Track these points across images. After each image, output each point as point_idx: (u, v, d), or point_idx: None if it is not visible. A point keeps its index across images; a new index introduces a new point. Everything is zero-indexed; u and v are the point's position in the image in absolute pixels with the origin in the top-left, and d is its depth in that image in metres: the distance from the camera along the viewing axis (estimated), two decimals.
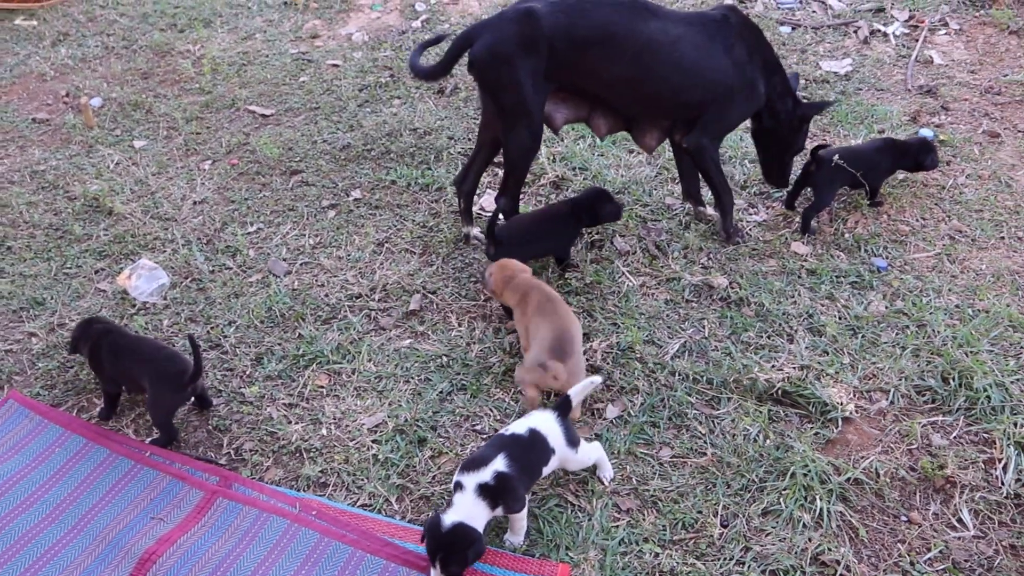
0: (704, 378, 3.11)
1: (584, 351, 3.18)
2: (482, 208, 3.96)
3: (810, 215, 3.76)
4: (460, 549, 2.37)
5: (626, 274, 3.57)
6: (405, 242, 3.78)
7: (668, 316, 3.38)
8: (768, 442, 2.89)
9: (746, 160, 4.19)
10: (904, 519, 2.69)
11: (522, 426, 2.63)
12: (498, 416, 3.00)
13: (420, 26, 5.54)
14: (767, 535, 2.62)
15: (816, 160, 3.75)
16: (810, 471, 2.76)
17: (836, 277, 3.55)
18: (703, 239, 3.75)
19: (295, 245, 3.79)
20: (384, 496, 2.75)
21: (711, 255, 3.68)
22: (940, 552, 2.56)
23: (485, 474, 2.47)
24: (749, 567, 2.51)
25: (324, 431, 2.98)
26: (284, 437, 2.97)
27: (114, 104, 4.88)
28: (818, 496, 2.71)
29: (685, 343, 3.26)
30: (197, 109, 4.79)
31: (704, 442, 2.91)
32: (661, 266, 3.62)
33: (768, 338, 3.28)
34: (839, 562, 2.52)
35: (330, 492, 2.79)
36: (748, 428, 2.93)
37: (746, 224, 3.86)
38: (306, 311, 3.44)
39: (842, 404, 3.00)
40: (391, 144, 4.37)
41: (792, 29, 5.32)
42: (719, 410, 3.01)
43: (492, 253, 3.43)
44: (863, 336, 3.28)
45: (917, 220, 3.86)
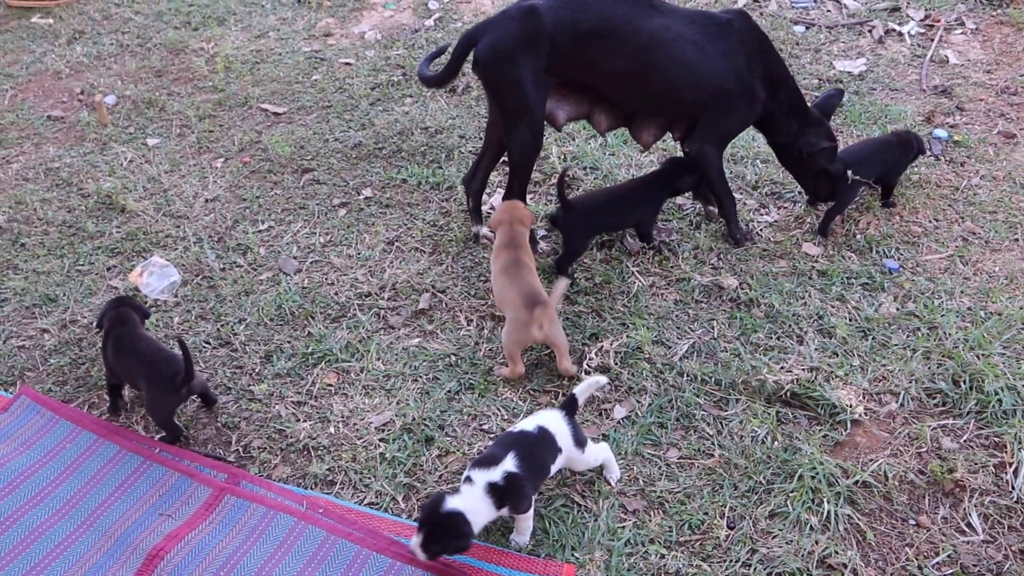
0: (712, 379, 3.10)
1: (593, 351, 3.19)
2: (492, 207, 3.96)
3: (830, 218, 3.73)
4: (446, 536, 2.38)
5: (635, 274, 3.56)
6: (415, 241, 3.78)
7: (677, 316, 3.37)
8: (776, 444, 2.88)
9: (758, 160, 4.17)
10: (912, 523, 2.67)
11: (531, 424, 2.64)
12: (506, 416, 3.00)
13: (433, 24, 5.54)
14: (774, 537, 2.61)
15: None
16: (818, 474, 2.75)
17: (847, 278, 3.53)
18: (713, 239, 3.73)
19: (306, 243, 3.81)
20: (391, 495, 2.76)
21: (721, 255, 3.66)
22: (948, 556, 2.55)
23: (495, 473, 2.47)
24: (755, 569, 2.50)
25: (332, 429, 2.99)
26: (292, 435, 2.98)
27: (128, 102, 4.91)
28: (826, 499, 2.69)
29: (694, 344, 3.25)
30: (210, 107, 4.81)
31: (712, 443, 2.90)
32: (671, 266, 3.61)
33: (778, 339, 3.26)
34: (846, 565, 2.51)
35: (337, 490, 2.80)
36: (756, 430, 2.92)
37: (757, 225, 3.84)
38: (316, 309, 3.45)
39: (851, 406, 2.99)
40: (402, 143, 4.38)
41: (806, 28, 5.28)
42: (727, 411, 3.00)
43: (560, 217, 3.52)
44: (873, 338, 3.26)
45: (930, 221, 3.83)
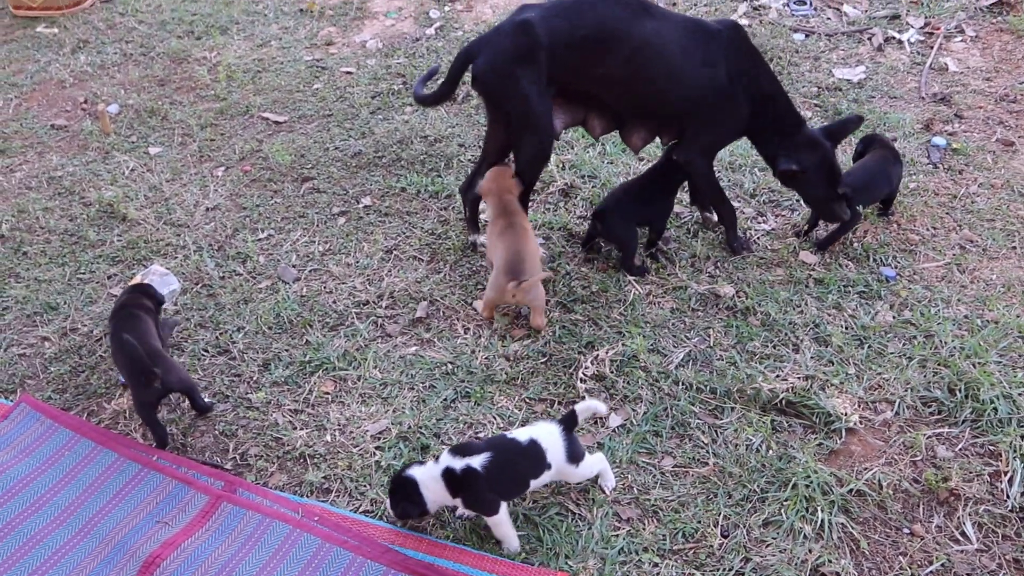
0: (708, 388, 3.11)
1: (589, 359, 3.20)
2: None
3: (833, 240, 3.72)
4: (395, 496, 2.61)
5: (632, 282, 3.57)
6: (413, 249, 3.80)
7: (674, 325, 3.38)
8: (771, 452, 2.88)
9: (756, 168, 4.18)
10: (906, 532, 2.67)
11: (525, 434, 2.65)
12: (501, 424, 3.01)
13: (434, 33, 5.57)
14: (767, 546, 2.62)
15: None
16: (812, 482, 2.76)
17: (844, 287, 3.53)
18: (710, 247, 3.74)
19: (305, 252, 3.83)
20: (385, 503, 2.77)
21: (718, 264, 3.67)
22: (942, 565, 2.55)
23: (459, 462, 2.55)
24: None
25: (328, 437, 3.00)
26: (289, 443, 3.00)
27: (131, 111, 4.95)
28: (820, 507, 2.70)
29: (690, 352, 3.26)
30: (212, 116, 4.85)
31: (706, 452, 2.91)
32: (668, 274, 3.62)
33: (774, 347, 3.27)
34: (839, 574, 2.52)
35: (333, 498, 2.82)
36: (751, 438, 2.93)
37: (754, 233, 3.85)
38: (314, 318, 3.47)
39: (846, 415, 2.99)
40: (402, 151, 4.40)
41: (806, 36, 5.29)
42: (722, 420, 3.01)
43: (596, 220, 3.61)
44: (869, 346, 3.26)
45: (927, 229, 3.83)
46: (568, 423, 2.69)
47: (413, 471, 2.61)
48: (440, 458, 2.60)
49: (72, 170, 4.48)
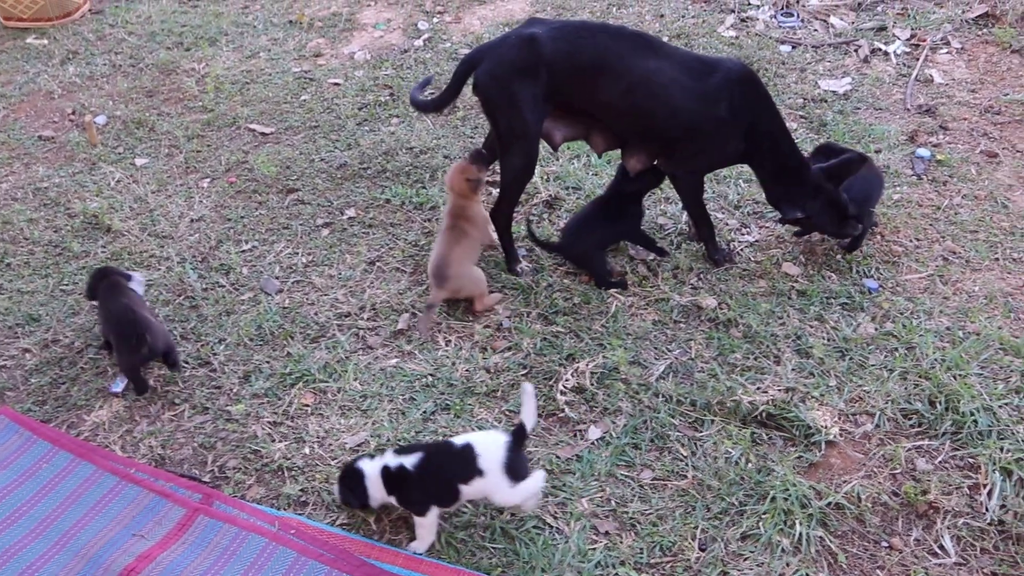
0: (688, 400, 3.10)
1: (569, 372, 3.19)
2: None
3: (855, 246, 3.74)
4: (341, 484, 2.72)
5: (614, 294, 3.57)
6: (396, 261, 3.80)
7: (655, 337, 3.38)
8: (750, 465, 2.88)
9: (740, 180, 4.19)
10: (885, 545, 2.67)
11: (463, 438, 2.67)
12: None
13: (422, 44, 5.58)
14: (745, 560, 2.61)
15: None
16: (790, 495, 2.75)
17: (826, 298, 3.53)
18: (693, 259, 3.74)
19: (288, 263, 3.83)
20: (362, 516, 2.76)
21: (701, 275, 3.67)
22: None
23: (395, 460, 2.64)
24: None
25: (307, 450, 2.99)
26: (267, 455, 2.99)
27: (118, 122, 4.95)
28: (798, 520, 2.69)
29: (671, 364, 3.25)
30: (199, 127, 4.85)
31: (685, 464, 2.90)
32: (650, 286, 3.62)
33: (755, 360, 3.27)
34: None
35: (310, 511, 2.81)
36: (730, 451, 2.92)
37: (738, 244, 3.85)
38: (295, 329, 3.47)
39: (826, 427, 2.99)
40: (387, 163, 4.40)
41: (792, 48, 5.31)
42: (702, 432, 3.01)
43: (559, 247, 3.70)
44: (851, 358, 3.26)
45: (911, 241, 3.84)
46: (517, 437, 2.63)
47: (362, 463, 2.69)
48: (385, 454, 2.69)
49: (58, 181, 4.48)
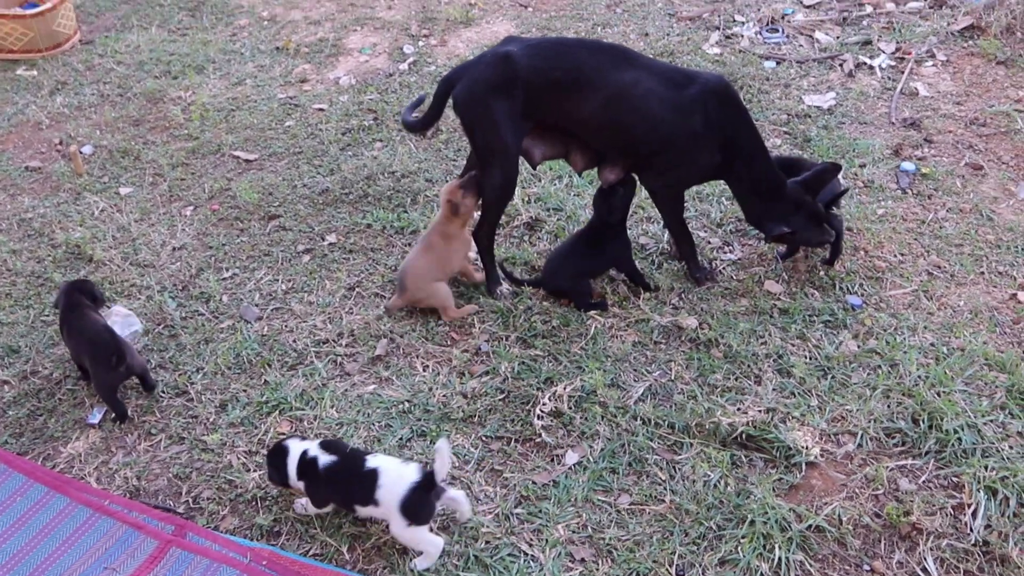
0: (666, 422, 3.06)
1: (547, 396, 3.16)
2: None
3: (836, 256, 3.74)
4: (268, 459, 2.80)
5: (595, 315, 3.54)
6: (376, 286, 3.78)
7: (635, 359, 3.35)
8: (729, 488, 2.84)
9: (723, 198, 4.16)
10: (866, 569, 2.63)
11: (378, 461, 2.68)
12: (456, 463, 2.97)
13: (407, 68, 5.59)
14: None
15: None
16: (770, 518, 2.71)
17: (809, 316, 3.50)
18: (674, 278, 3.72)
19: (268, 290, 3.81)
20: (335, 546, 2.73)
21: (682, 295, 3.64)
22: None
23: (313, 451, 2.71)
24: None
25: None
26: (242, 485, 2.96)
27: (104, 151, 4.96)
28: (777, 544, 2.65)
29: (650, 386, 3.22)
30: (183, 155, 4.85)
31: (664, 488, 2.86)
32: (631, 307, 3.59)
33: (735, 380, 3.23)
34: None
35: (283, 541, 2.78)
36: (709, 474, 2.88)
37: (720, 263, 3.82)
38: (273, 357, 3.45)
39: (807, 448, 2.95)
40: (368, 188, 4.40)
41: (777, 64, 5.30)
42: (681, 455, 2.97)
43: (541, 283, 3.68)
44: (833, 377, 3.22)
45: (895, 256, 3.80)
46: (423, 482, 2.58)
47: (290, 443, 2.77)
48: (313, 442, 2.77)
49: (43, 212, 4.48)
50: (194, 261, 4.02)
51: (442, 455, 2.54)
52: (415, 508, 2.57)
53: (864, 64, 5.25)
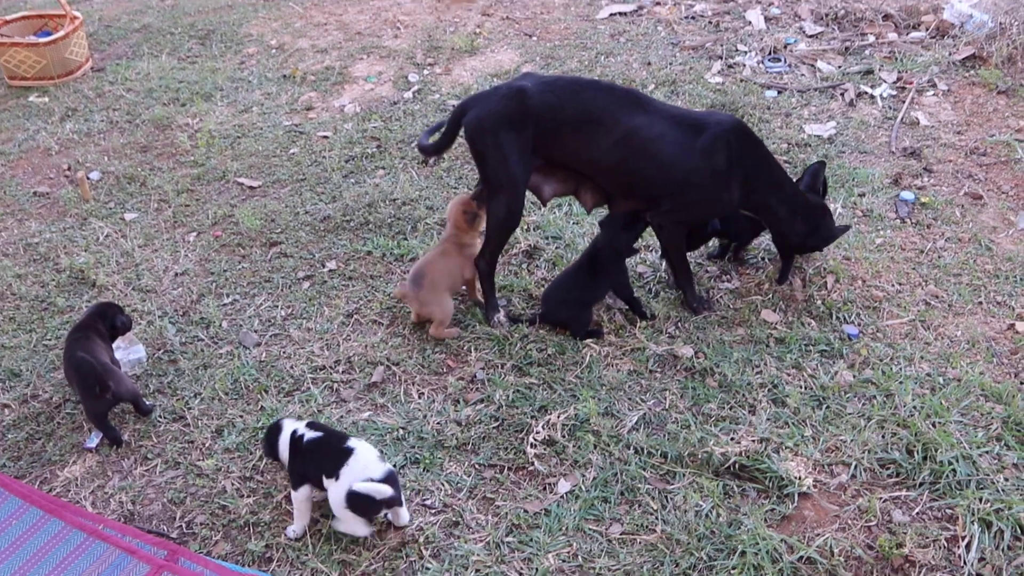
0: (659, 451, 3.06)
1: (540, 424, 3.17)
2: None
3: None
4: (265, 434, 2.99)
5: (590, 343, 3.55)
6: (374, 313, 3.81)
7: (630, 387, 3.35)
8: (720, 518, 2.83)
9: None
10: None
11: (357, 444, 2.81)
12: (449, 491, 2.98)
13: (411, 96, 5.66)
14: None
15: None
16: (760, 549, 2.70)
17: (805, 345, 3.50)
18: (671, 307, 3.73)
19: (267, 316, 3.84)
20: (326, 572, 2.73)
21: (679, 324, 3.65)
22: None
23: (301, 430, 2.88)
24: None
25: (274, 505, 2.97)
26: (235, 511, 2.97)
27: (111, 177, 5.03)
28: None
29: (644, 415, 3.22)
30: (188, 182, 4.92)
31: (655, 518, 2.85)
32: (627, 335, 3.60)
33: (730, 409, 3.23)
34: None
35: (274, 567, 2.78)
36: (700, 503, 2.87)
37: (717, 292, 3.83)
38: (270, 383, 3.47)
39: (800, 478, 2.94)
40: (369, 215, 4.44)
41: (778, 93, 5.33)
42: (673, 485, 2.96)
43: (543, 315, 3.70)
44: (827, 407, 3.21)
45: (893, 285, 3.80)
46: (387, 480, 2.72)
47: (285, 422, 2.95)
48: (298, 420, 2.98)
49: (49, 236, 4.54)
50: (195, 287, 4.06)
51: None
52: (359, 500, 2.69)
53: (865, 93, 5.28)
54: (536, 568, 2.71)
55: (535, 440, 3.12)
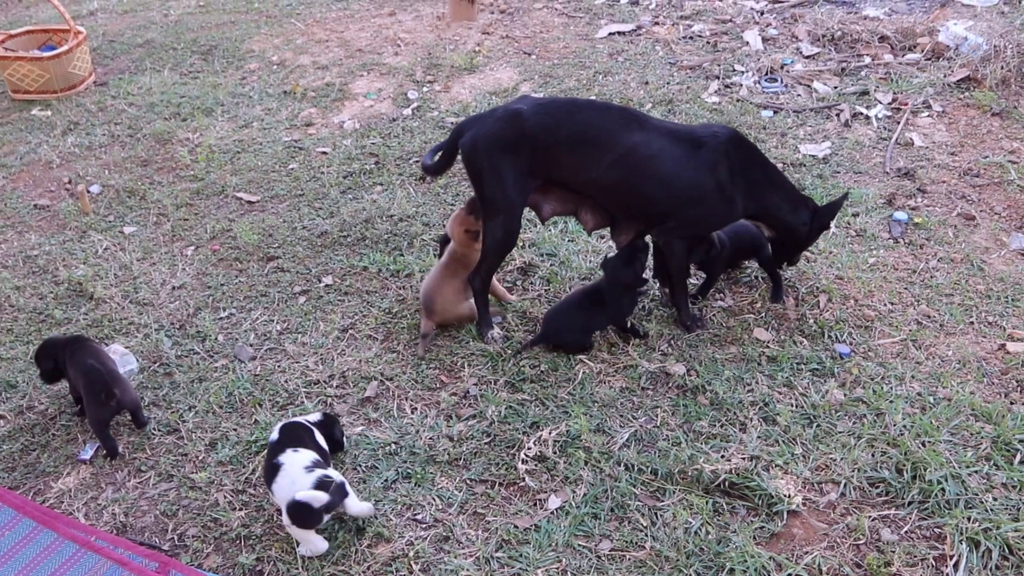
0: (649, 468, 3.07)
1: (531, 440, 3.18)
2: None
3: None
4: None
5: (583, 360, 3.57)
6: (369, 328, 3.83)
7: (621, 404, 3.37)
8: (709, 536, 2.83)
9: None
10: None
11: (285, 457, 2.86)
12: (440, 505, 2.99)
13: (410, 113, 5.70)
14: None
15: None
16: (748, 567, 2.71)
17: (796, 364, 3.52)
18: (664, 324, 3.75)
19: (263, 331, 3.87)
20: None
21: (671, 342, 3.67)
22: None
23: (312, 418, 3.11)
24: None
25: (266, 518, 2.99)
26: (227, 523, 2.99)
27: (111, 191, 5.07)
28: None
29: (635, 432, 3.23)
30: (188, 196, 4.96)
31: (645, 535, 2.86)
32: (619, 352, 3.62)
33: (721, 427, 3.24)
34: None
35: None
36: (690, 521, 2.88)
37: (709, 310, 3.85)
38: (264, 397, 3.49)
39: (789, 496, 2.95)
40: (366, 231, 4.47)
41: (774, 113, 5.37)
42: (663, 502, 2.97)
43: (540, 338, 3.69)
44: (818, 425, 3.23)
45: (885, 305, 3.82)
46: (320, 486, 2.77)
47: (300, 419, 3.09)
48: (311, 414, 3.17)
49: (48, 249, 4.58)
50: (192, 300, 4.09)
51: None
52: (301, 515, 2.75)
53: (860, 114, 5.32)
54: None
55: (526, 456, 3.13)
